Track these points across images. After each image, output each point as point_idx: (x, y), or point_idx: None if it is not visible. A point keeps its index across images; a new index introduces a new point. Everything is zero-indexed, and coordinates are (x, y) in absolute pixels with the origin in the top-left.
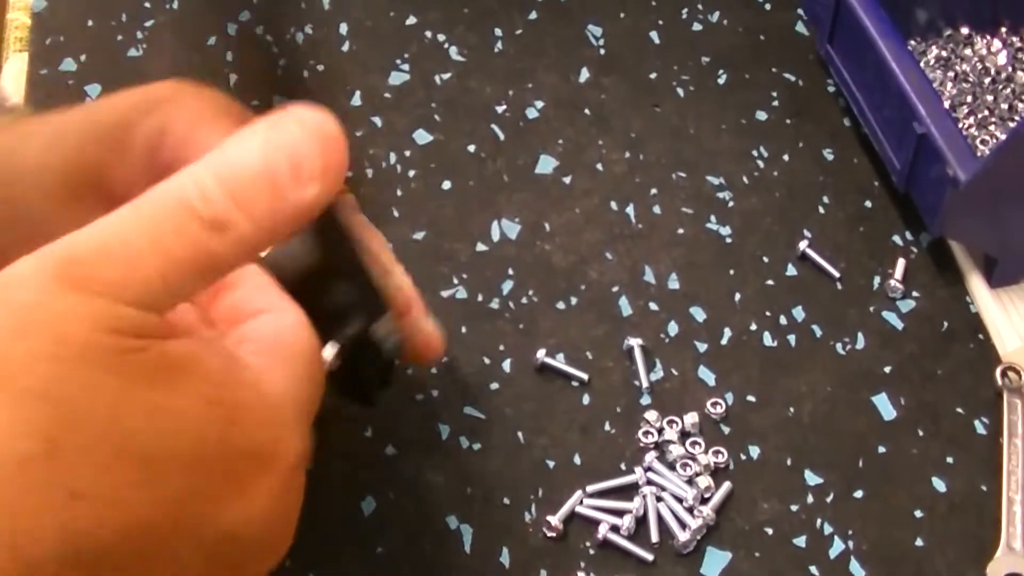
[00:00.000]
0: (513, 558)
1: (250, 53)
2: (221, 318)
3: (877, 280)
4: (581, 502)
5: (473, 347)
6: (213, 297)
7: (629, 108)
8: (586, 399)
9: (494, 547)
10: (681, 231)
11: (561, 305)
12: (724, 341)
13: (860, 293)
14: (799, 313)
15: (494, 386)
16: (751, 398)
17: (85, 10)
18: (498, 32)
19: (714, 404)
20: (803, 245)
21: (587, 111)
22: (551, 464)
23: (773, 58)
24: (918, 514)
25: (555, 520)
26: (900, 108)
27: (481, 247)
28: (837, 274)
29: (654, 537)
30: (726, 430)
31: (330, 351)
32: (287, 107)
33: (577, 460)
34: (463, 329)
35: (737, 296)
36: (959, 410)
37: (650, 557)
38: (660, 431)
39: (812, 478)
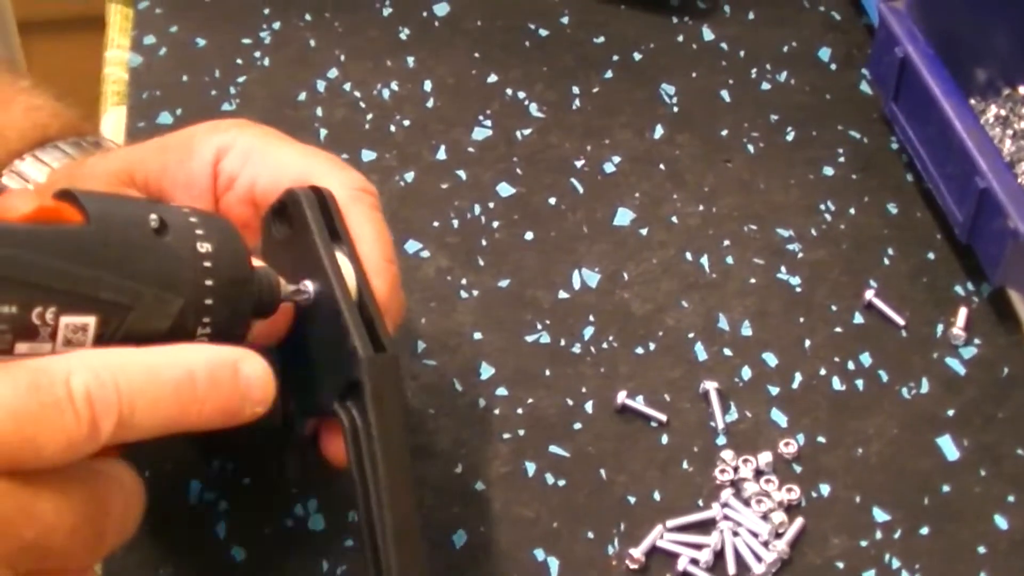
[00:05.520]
0: None
1: (338, 108)
2: None
3: (940, 328)
4: (662, 536)
5: (557, 389)
6: None
7: (701, 164)
8: (664, 439)
9: None
10: (753, 281)
11: (640, 350)
12: (795, 385)
13: (924, 340)
14: (866, 359)
15: (577, 426)
16: (821, 439)
17: (179, 66)
18: (575, 90)
19: (786, 444)
20: (869, 295)
21: (662, 166)
22: (632, 500)
23: (838, 116)
24: (981, 550)
25: (637, 553)
26: (962, 164)
27: (563, 294)
28: (902, 322)
29: (731, 570)
30: (798, 469)
31: None
32: None
33: (656, 496)
34: (547, 372)
35: (807, 343)
36: (1019, 451)
37: None
38: (735, 469)
39: (880, 515)
